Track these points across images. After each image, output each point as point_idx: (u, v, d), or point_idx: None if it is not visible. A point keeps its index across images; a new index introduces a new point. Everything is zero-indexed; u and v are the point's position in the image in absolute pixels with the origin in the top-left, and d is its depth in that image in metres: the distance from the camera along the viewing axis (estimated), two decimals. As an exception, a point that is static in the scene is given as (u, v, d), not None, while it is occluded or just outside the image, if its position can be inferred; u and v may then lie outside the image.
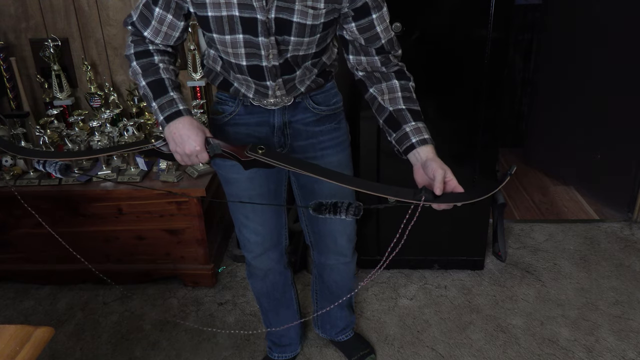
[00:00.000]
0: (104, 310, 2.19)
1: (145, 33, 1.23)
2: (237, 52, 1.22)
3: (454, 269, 2.36)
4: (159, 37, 1.24)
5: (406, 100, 1.23)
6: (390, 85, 1.26)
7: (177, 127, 1.17)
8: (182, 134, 1.17)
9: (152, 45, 1.25)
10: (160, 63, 1.23)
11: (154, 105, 1.21)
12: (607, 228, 2.65)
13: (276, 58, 1.23)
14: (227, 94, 1.39)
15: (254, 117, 1.40)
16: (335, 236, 1.61)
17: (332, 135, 1.46)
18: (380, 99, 1.25)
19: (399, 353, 1.93)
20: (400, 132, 1.20)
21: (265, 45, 1.19)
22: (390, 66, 1.27)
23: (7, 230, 2.22)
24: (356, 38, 1.25)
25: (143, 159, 2.16)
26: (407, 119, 1.20)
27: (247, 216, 1.54)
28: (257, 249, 1.60)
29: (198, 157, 1.19)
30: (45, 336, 1.03)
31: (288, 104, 1.38)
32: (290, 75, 1.30)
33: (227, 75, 1.35)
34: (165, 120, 1.19)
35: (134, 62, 1.23)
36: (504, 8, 1.86)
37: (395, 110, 1.22)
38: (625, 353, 1.90)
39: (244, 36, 1.18)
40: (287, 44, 1.21)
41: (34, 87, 2.48)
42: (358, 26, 1.22)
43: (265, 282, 1.69)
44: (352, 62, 1.30)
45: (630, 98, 2.61)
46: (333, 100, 1.45)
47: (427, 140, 1.18)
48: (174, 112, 1.18)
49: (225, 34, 1.19)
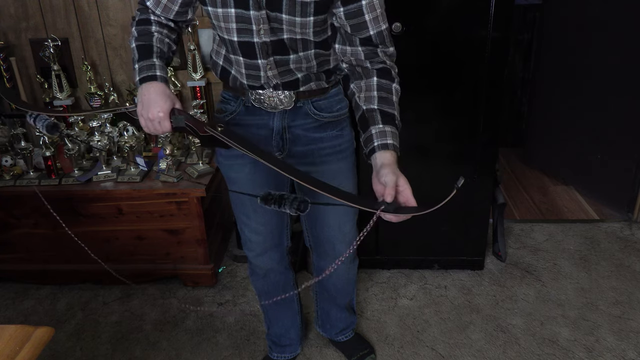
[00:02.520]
0: (104, 310, 2.19)
1: (148, 3, 1.27)
2: (229, 26, 1.22)
3: (454, 269, 2.36)
4: (159, 8, 1.26)
5: (381, 101, 1.18)
6: (369, 83, 1.21)
7: (149, 90, 1.17)
8: (150, 98, 1.17)
9: (153, 16, 1.27)
10: (155, 33, 1.26)
11: (136, 67, 1.22)
12: (607, 228, 2.65)
13: (267, 34, 1.21)
14: (231, 93, 1.40)
15: (254, 118, 1.39)
16: (334, 242, 1.59)
17: (333, 142, 1.43)
18: (357, 96, 1.22)
19: (399, 353, 1.93)
20: (367, 133, 1.16)
21: (256, 19, 1.18)
22: (375, 62, 1.22)
23: (7, 230, 2.22)
24: (343, 25, 1.20)
25: (143, 159, 2.16)
26: (376, 121, 1.16)
27: (249, 216, 1.54)
28: (257, 248, 1.60)
29: (160, 125, 1.17)
30: (45, 336, 1.03)
31: (288, 108, 1.37)
32: (283, 56, 1.27)
33: (227, 62, 1.35)
34: (139, 82, 1.19)
35: (133, 28, 1.27)
36: (504, 8, 1.86)
37: (367, 109, 1.18)
38: (625, 353, 1.90)
39: (236, 10, 1.18)
40: (280, 22, 1.19)
41: (34, 87, 2.48)
42: (346, 11, 1.17)
43: (265, 281, 1.69)
44: (338, 51, 1.26)
45: (630, 98, 2.61)
46: (337, 106, 1.42)
47: (389, 146, 1.12)
48: (149, 75, 1.19)
49: (217, 6, 1.19)
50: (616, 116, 2.70)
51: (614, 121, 2.72)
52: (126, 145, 2.15)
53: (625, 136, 2.68)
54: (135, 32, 1.26)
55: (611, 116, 2.72)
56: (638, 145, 2.63)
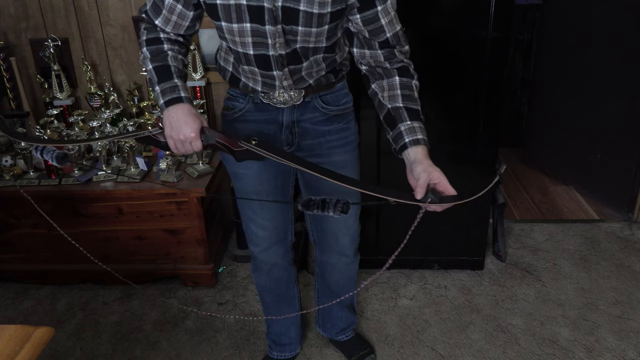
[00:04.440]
0: (104, 310, 2.19)
1: (157, 22, 1.26)
2: (245, 40, 1.23)
3: (454, 269, 2.36)
4: (169, 26, 1.26)
5: (405, 99, 1.24)
6: (391, 82, 1.26)
7: (176, 112, 1.19)
8: (179, 119, 1.18)
9: (163, 34, 1.27)
10: (169, 51, 1.26)
11: (157, 89, 1.23)
12: (607, 228, 2.65)
13: (283, 47, 1.23)
14: (238, 90, 1.41)
15: (263, 114, 1.41)
16: (337, 235, 1.62)
17: (339, 135, 1.46)
18: (381, 96, 1.26)
19: (399, 353, 1.93)
20: (395, 130, 1.22)
21: (272, 33, 1.20)
22: (394, 62, 1.27)
23: (7, 230, 2.22)
24: (360, 30, 1.24)
25: (143, 159, 2.16)
26: (403, 118, 1.21)
27: (255, 211, 1.56)
28: (263, 243, 1.61)
29: (192, 145, 1.19)
30: (45, 336, 1.03)
31: (297, 103, 1.39)
32: (297, 65, 1.30)
33: (237, 70, 1.36)
34: (165, 105, 1.20)
35: (144, 48, 1.27)
36: (504, 8, 1.86)
37: (393, 108, 1.23)
38: (625, 353, 1.90)
39: (251, 25, 1.19)
40: (295, 34, 1.21)
41: (34, 87, 2.48)
42: (362, 18, 1.21)
43: (269, 277, 1.70)
44: (356, 55, 1.30)
45: (630, 98, 2.61)
46: (343, 100, 1.46)
47: (420, 141, 1.19)
48: (174, 97, 1.20)
49: (232, 22, 1.20)
50: (616, 116, 2.70)
51: (614, 121, 2.72)
52: (126, 145, 2.15)
53: (625, 136, 2.68)
54: (148, 52, 1.26)
55: (611, 116, 2.72)
56: (638, 145, 2.63)
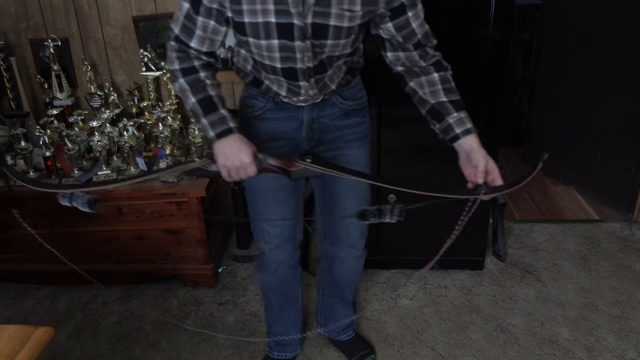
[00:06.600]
0: (104, 310, 2.19)
1: (192, 43, 1.26)
2: (272, 55, 1.25)
3: (454, 269, 2.36)
4: (205, 46, 1.26)
5: (447, 92, 1.28)
6: (430, 79, 1.30)
7: (229, 142, 1.22)
8: (233, 148, 1.21)
9: (197, 61, 1.27)
10: (206, 79, 1.27)
11: (204, 121, 1.25)
12: (607, 228, 2.65)
13: (311, 60, 1.26)
14: (258, 90, 1.42)
15: (284, 112, 1.43)
16: (349, 227, 1.63)
17: (356, 129, 1.50)
18: (421, 93, 1.30)
19: (399, 353, 1.93)
20: (444, 123, 1.27)
21: (301, 49, 1.22)
22: (428, 59, 1.30)
23: (7, 230, 2.22)
24: (393, 36, 1.28)
25: (143, 159, 2.16)
26: (449, 111, 1.26)
27: (268, 208, 1.56)
28: (275, 241, 1.62)
29: (247, 170, 1.22)
30: (45, 336, 1.03)
31: (317, 101, 1.41)
32: (322, 74, 1.32)
33: (258, 75, 1.37)
34: (216, 137, 1.23)
35: (182, 79, 1.27)
36: (504, 8, 1.86)
37: (437, 103, 1.28)
38: (625, 353, 1.90)
39: (280, 41, 1.21)
40: (323, 47, 1.24)
41: (34, 87, 2.48)
42: (395, 25, 1.25)
43: (275, 275, 1.70)
44: (391, 58, 1.33)
45: (630, 98, 2.61)
46: (359, 94, 1.49)
47: (471, 130, 1.25)
48: (225, 129, 1.23)
49: (260, 38, 1.22)
50: (616, 116, 2.70)
51: (614, 121, 2.72)
52: (126, 145, 2.15)
53: (625, 136, 2.68)
54: (186, 84, 1.26)
55: (611, 116, 2.72)
56: (638, 145, 2.63)
